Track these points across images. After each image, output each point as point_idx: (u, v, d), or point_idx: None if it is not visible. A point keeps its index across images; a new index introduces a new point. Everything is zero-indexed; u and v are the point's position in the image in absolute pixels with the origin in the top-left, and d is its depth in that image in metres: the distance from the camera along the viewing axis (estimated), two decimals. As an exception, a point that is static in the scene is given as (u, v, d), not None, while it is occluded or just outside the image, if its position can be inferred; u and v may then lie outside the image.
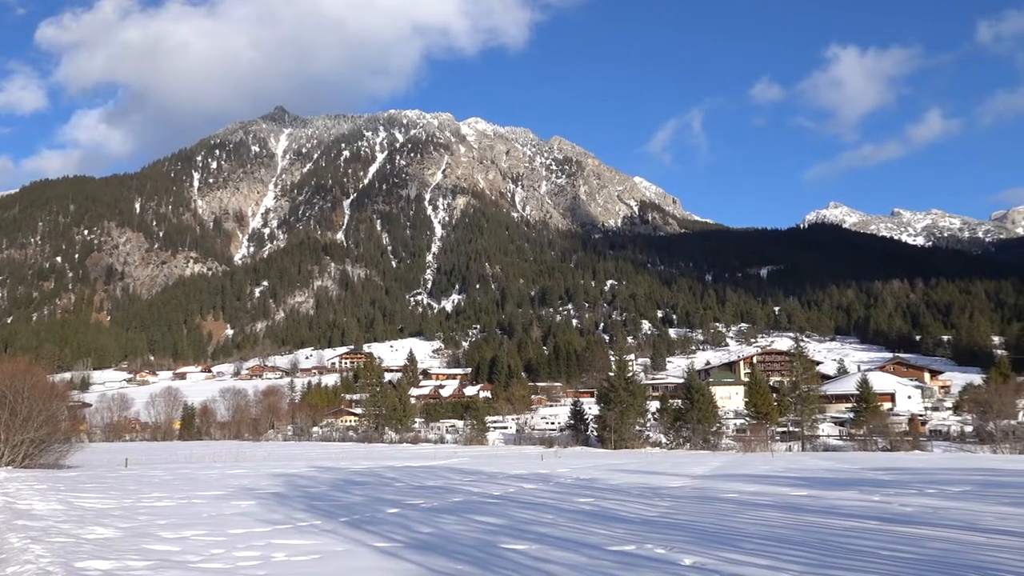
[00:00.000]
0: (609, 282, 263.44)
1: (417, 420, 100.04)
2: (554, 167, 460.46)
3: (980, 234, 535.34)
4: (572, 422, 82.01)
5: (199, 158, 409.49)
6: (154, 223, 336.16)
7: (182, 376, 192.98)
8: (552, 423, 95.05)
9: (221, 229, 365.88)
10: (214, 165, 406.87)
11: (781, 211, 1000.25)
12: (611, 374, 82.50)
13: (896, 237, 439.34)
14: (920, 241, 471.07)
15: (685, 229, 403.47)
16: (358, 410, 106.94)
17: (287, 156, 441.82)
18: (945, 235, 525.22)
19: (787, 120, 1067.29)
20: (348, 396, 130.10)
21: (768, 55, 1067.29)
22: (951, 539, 11.57)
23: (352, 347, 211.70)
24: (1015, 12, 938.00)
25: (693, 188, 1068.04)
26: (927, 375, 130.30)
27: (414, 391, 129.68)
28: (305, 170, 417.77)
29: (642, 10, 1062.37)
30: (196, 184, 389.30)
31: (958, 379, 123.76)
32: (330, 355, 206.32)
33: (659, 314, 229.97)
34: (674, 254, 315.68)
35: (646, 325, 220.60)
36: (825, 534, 12.30)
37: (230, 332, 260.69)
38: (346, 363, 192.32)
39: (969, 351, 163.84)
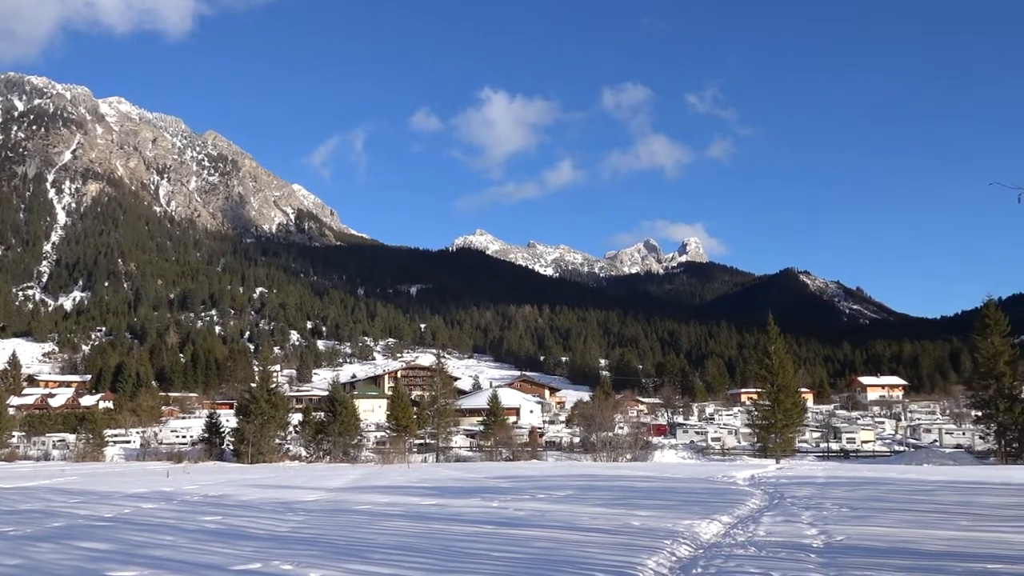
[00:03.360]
0: (259, 289, 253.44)
1: (16, 434, 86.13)
2: (207, 163, 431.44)
3: (596, 270, 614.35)
4: (207, 435, 77.03)
5: None
6: None
7: None
8: (184, 436, 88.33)
9: None
10: None
11: (433, 233, 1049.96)
12: (253, 385, 79.18)
13: (531, 267, 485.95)
14: (550, 272, 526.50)
15: (341, 242, 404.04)
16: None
17: None
18: (570, 268, 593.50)
19: (443, 151, 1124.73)
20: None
21: (428, 88, 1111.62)
22: (553, 538, 12.97)
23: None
24: (631, 85, 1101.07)
25: (352, 202, 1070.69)
26: (547, 392, 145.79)
27: (15, 400, 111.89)
28: None
29: (313, 27, 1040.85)
30: None
31: (572, 396, 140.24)
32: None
33: (309, 325, 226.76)
34: (329, 266, 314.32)
35: (295, 336, 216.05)
36: (448, 540, 13.04)
37: None
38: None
39: (582, 371, 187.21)
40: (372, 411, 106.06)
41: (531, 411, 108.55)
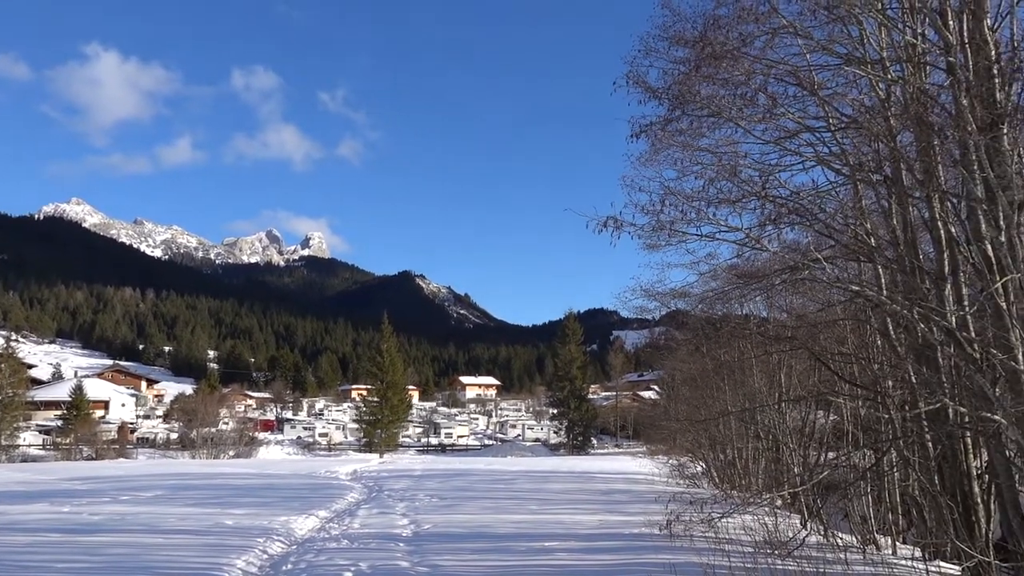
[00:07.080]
0: None
1: None
2: None
3: (212, 256, 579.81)
4: None
5: None
6: None
7: None
8: None
9: None
10: None
11: (15, 196, 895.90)
12: None
13: (136, 245, 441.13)
14: (159, 253, 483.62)
15: None
16: None
17: None
18: (182, 251, 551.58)
19: (33, 105, 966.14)
20: None
21: (18, 30, 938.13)
22: (133, 543, 11.88)
23: None
24: (262, 70, 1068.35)
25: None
26: (144, 384, 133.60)
27: None
28: None
29: None
30: None
31: (173, 389, 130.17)
32: None
33: None
34: None
35: None
36: (-2, 553, 11.21)
37: None
38: None
39: (187, 363, 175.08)
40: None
41: (123, 404, 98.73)
